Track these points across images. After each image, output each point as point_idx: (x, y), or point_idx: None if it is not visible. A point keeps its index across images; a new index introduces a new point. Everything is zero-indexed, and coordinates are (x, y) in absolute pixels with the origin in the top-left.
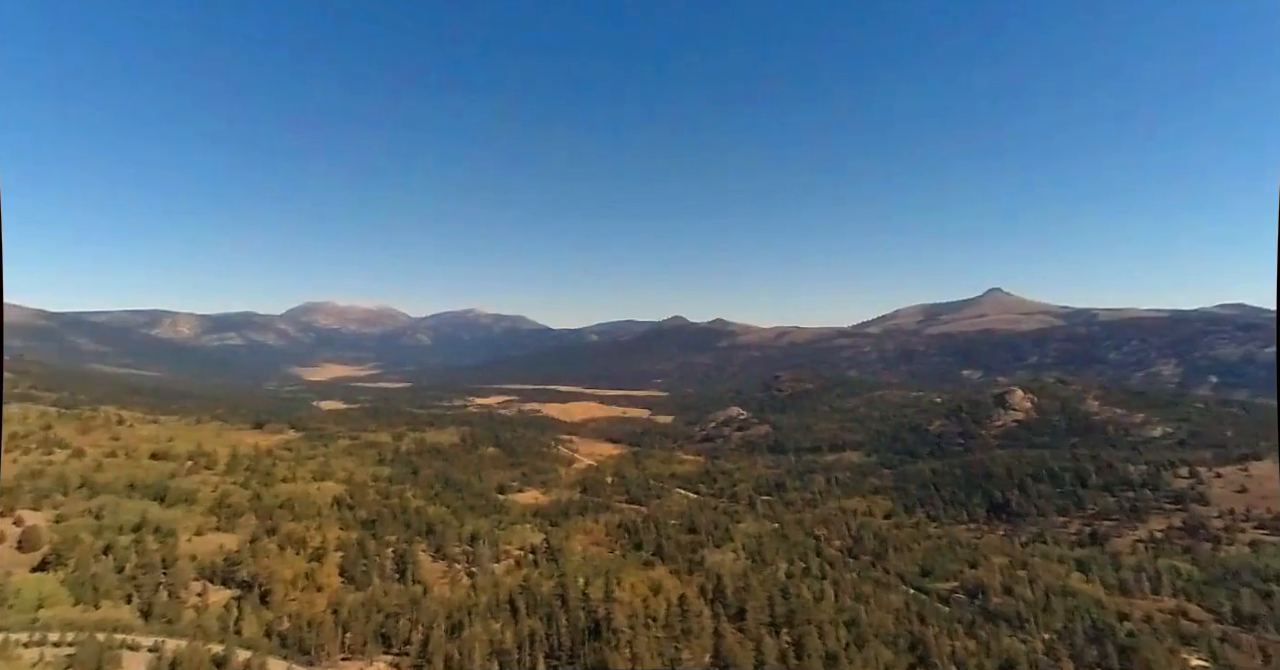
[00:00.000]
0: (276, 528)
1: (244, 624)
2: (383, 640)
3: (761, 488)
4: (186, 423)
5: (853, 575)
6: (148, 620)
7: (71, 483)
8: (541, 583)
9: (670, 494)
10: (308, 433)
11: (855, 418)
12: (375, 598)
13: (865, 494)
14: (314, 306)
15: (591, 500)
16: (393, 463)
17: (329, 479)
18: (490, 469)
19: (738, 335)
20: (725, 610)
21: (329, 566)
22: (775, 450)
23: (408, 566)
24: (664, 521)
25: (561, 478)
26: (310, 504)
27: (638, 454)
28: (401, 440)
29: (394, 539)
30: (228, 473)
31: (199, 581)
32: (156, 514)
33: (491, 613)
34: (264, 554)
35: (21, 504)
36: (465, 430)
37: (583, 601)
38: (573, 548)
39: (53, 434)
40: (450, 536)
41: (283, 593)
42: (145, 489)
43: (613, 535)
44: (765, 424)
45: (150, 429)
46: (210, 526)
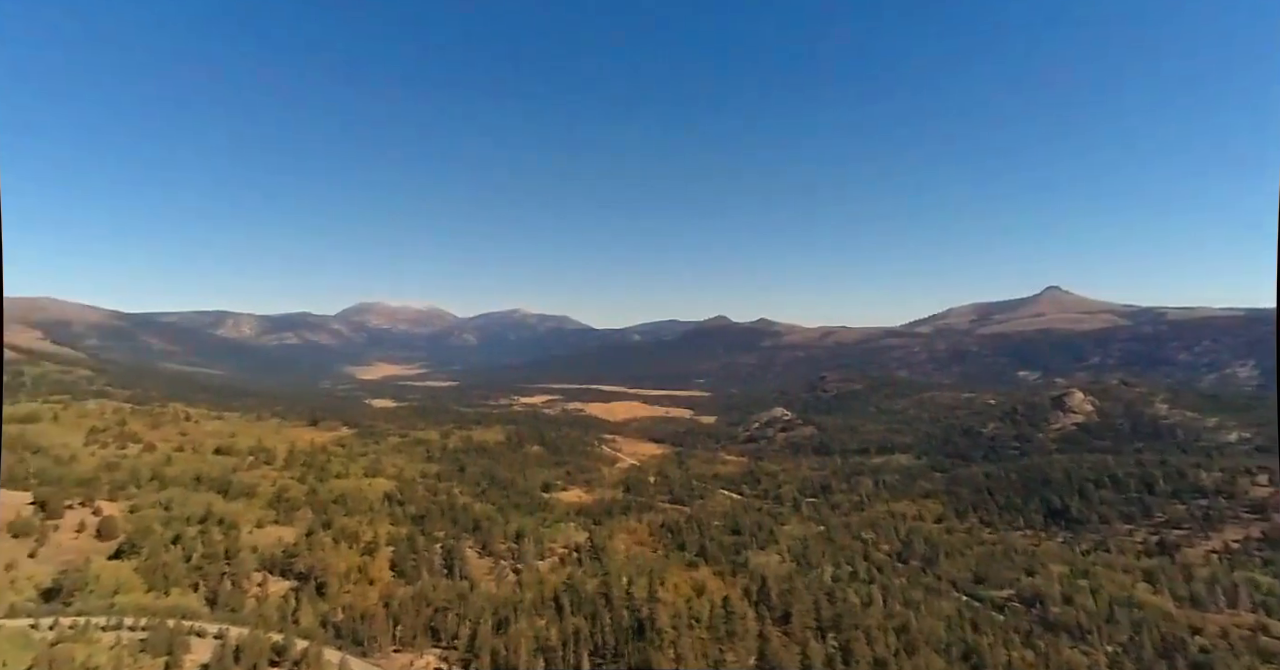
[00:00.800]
0: (331, 522)
1: (301, 614)
2: (432, 634)
3: (806, 490)
4: (247, 419)
5: (902, 580)
6: (213, 608)
7: (144, 475)
8: (585, 581)
9: (713, 495)
10: (360, 430)
11: (904, 419)
12: (424, 592)
13: (915, 498)
14: (366, 307)
15: (634, 500)
16: (440, 460)
17: (380, 475)
18: (535, 467)
19: (782, 335)
20: (770, 613)
21: (380, 560)
22: (821, 452)
23: (455, 562)
24: (707, 522)
25: (605, 477)
26: (362, 499)
27: (680, 454)
28: (449, 438)
29: (442, 535)
30: (286, 468)
31: (260, 572)
32: (220, 506)
33: (537, 609)
34: (319, 547)
35: (100, 494)
36: (510, 429)
37: (626, 601)
38: (616, 547)
39: (127, 429)
40: (496, 533)
41: (337, 585)
42: (210, 482)
43: (656, 535)
44: (810, 425)
45: (215, 425)
46: (270, 519)
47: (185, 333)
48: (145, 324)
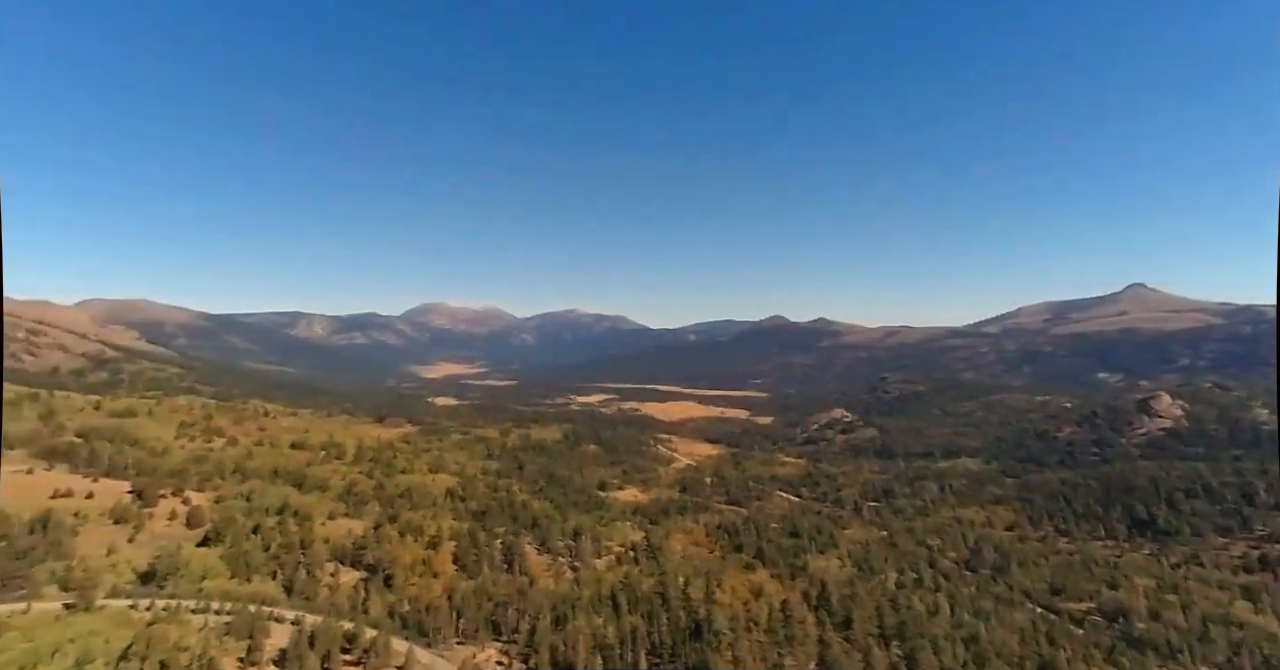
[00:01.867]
0: (397, 515)
1: (370, 604)
2: (493, 627)
3: (868, 493)
4: (320, 416)
5: (971, 589)
6: (290, 595)
7: (227, 468)
8: (642, 580)
9: (771, 496)
10: (424, 427)
11: (972, 422)
12: (485, 586)
13: (984, 504)
14: (429, 307)
15: (691, 500)
16: (500, 457)
17: (443, 471)
18: (591, 466)
19: (841, 335)
20: (830, 618)
21: (444, 554)
22: (882, 455)
23: (515, 558)
24: (765, 524)
25: (661, 477)
26: (426, 494)
27: (737, 455)
28: (508, 436)
29: (502, 531)
30: (355, 463)
31: (331, 563)
32: (296, 499)
33: (594, 607)
34: (386, 540)
35: (189, 485)
36: (567, 428)
37: (683, 601)
38: (672, 547)
39: (212, 424)
40: (554, 531)
41: (403, 577)
42: (286, 476)
43: (712, 536)
44: (871, 427)
45: (290, 421)
46: (340, 512)
47: (264, 333)
48: (228, 324)
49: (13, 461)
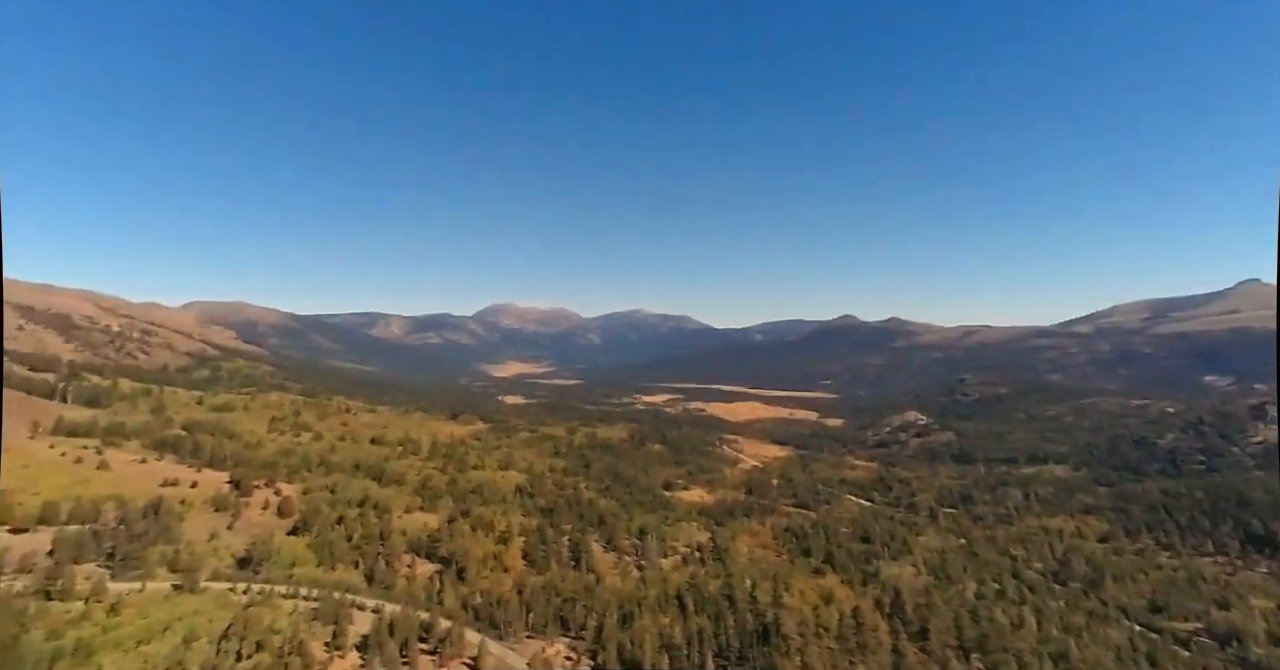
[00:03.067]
0: (469, 511)
1: (444, 596)
2: (561, 623)
3: (945, 499)
4: (397, 412)
5: (1059, 603)
6: (370, 584)
7: (314, 461)
8: (708, 581)
9: (840, 500)
10: (494, 425)
11: (1059, 427)
12: (554, 582)
13: (1073, 513)
14: (499, 308)
15: (757, 502)
16: (567, 455)
17: (512, 468)
18: (657, 466)
19: (916, 335)
20: (905, 627)
21: (513, 550)
22: (960, 459)
23: (582, 555)
24: (835, 528)
25: (726, 477)
26: (496, 490)
27: (805, 457)
28: (574, 434)
29: (569, 528)
30: (429, 458)
31: (408, 554)
32: (375, 492)
33: (660, 607)
34: (459, 534)
35: (280, 477)
36: (633, 427)
37: (750, 604)
38: (739, 548)
39: (300, 419)
40: (620, 529)
41: (475, 570)
42: (367, 469)
43: (780, 539)
44: (948, 431)
45: (370, 417)
46: (416, 506)
47: (346, 332)
48: (314, 325)
49: (129, 451)
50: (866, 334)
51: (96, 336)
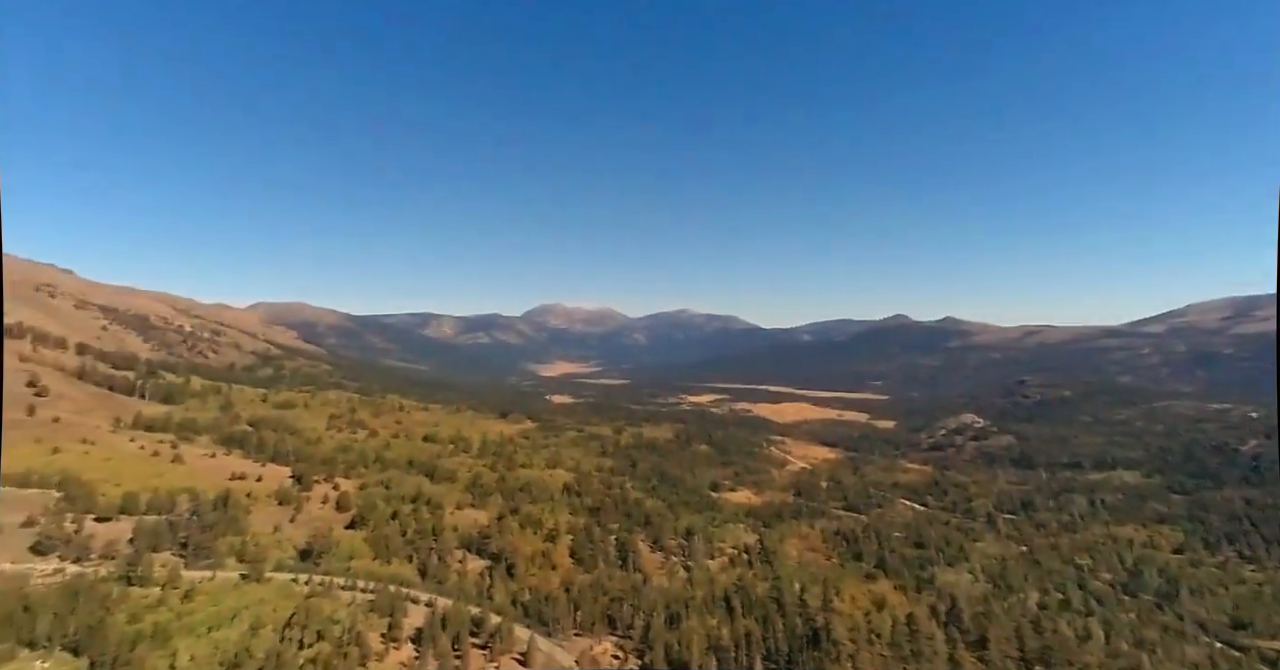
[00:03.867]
0: (518, 508)
1: (494, 591)
2: (608, 622)
3: (1004, 505)
4: (448, 411)
5: (1130, 616)
6: (424, 578)
7: (369, 457)
8: (756, 584)
9: (892, 504)
10: (542, 424)
11: (1130, 431)
12: (601, 581)
13: (1145, 522)
14: (547, 308)
15: (806, 504)
16: (613, 455)
17: (559, 467)
18: (703, 466)
19: (972, 335)
20: (962, 636)
21: (561, 548)
22: (1020, 464)
23: (629, 555)
24: (887, 533)
25: (774, 479)
26: (544, 489)
27: (855, 459)
28: (621, 434)
29: (616, 527)
30: (479, 456)
31: (460, 550)
32: (428, 488)
33: (707, 608)
34: (509, 531)
35: (338, 472)
36: (679, 427)
37: (799, 607)
38: (787, 551)
39: (356, 416)
40: (667, 529)
41: (524, 567)
42: (419, 466)
43: (829, 542)
44: (1007, 434)
45: (422, 415)
46: (467, 503)
47: (399, 332)
48: (370, 325)
49: (200, 446)
50: (919, 334)
51: (171, 336)
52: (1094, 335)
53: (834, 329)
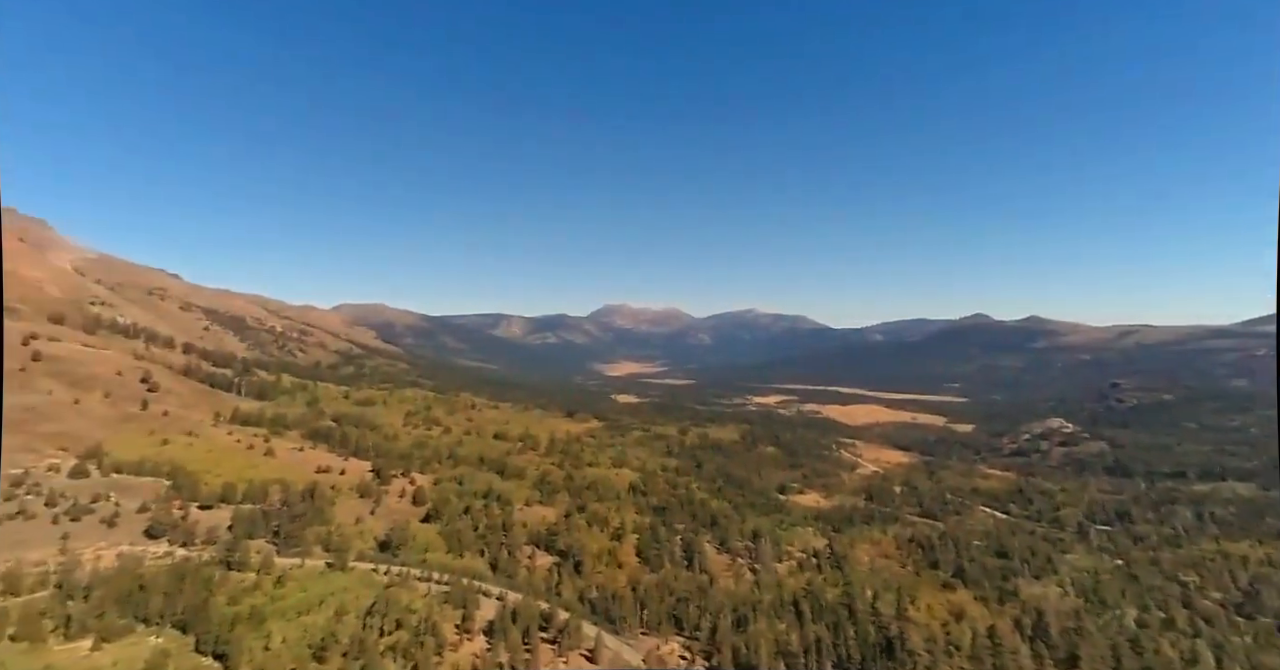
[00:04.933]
0: (585, 506)
1: (562, 588)
2: (675, 622)
3: (1096, 515)
4: (517, 409)
5: (1245, 639)
6: (494, 572)
7: (443, 454)
8: (826, 589)
9: (971, 511)
10: (608, 423)
11: (1244, 439)
12: (667, 581)
13: (1262, 538)
14: (613, 309)
15: (878, 509)
16: (679, 455)
17: (625, 466)
18: (770, 468)
19: (1059, 335)
20: (1050, 652)
21: (627, 546)
22: (1115, 472)
23: (695, 555)
24: (966, 541)
25: (844, 482)
26: (610, 487)
27: (931, 464)
28: (686, 434)
29: (682, 528)
30: (547, 454)
31: (529, 546)
32: (498, 485)
33: (775, 612)
34: (576, 529)
35: (414, 467)
36: (745, 428)
37: (872, 615)
38: (858, 557)
39: (431, 414)
40: (733, 531)
41: (591, 564)
42: (490, 463)
43: (903, 549)
44: (1099, 440)
45: (493, 413)
46: (535, 499)
47: (471, 333)
48: (443, 325)
49: (290, 440)
50: (1001, 334)
51: (264, 336)
52: (1200, 335)
53: (908, 329)
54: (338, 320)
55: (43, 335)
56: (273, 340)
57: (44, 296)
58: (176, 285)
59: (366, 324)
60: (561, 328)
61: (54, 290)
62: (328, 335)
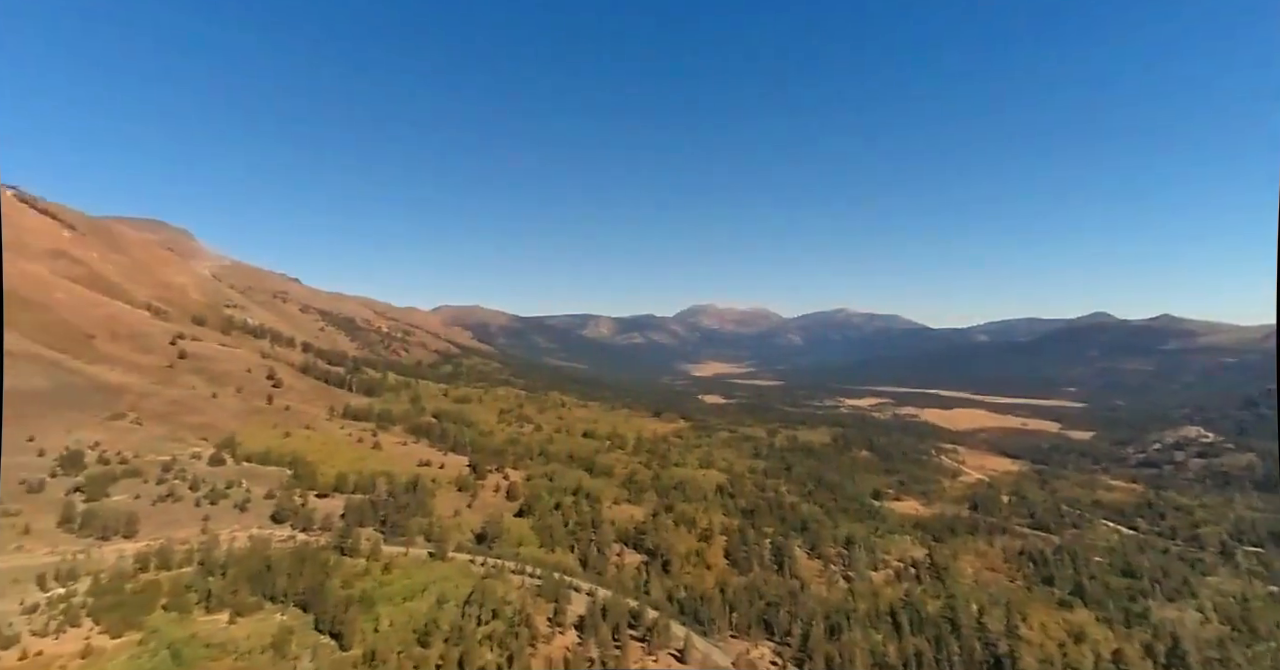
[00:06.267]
0: (672, 506)
1: (650, 586)
2: (764, 626)
3: (1243, 534)
4: (605, 408)
5: None
6: (584, 568)
7: (535, 451)
8: (926, 601)
9: (1092, 525)
10: (694, 423)
11: None
12: (756, 584)
13: None
14: (699, 309)
15: (983, 519)
16: (767, 457)
17: (712, 467)
18: (863, 473)
19: (1195, 335)
20: None
21: (715, 548)
22: (1266, 487)
23: (784, 559)
24: (1085, 557)
25: (945, 490)
26: (697, 488)
27: (1044, 473)
28: (775, 436)
29: (770, 531)
30: (634, 453)
31: (617, 544)
32: (587, 482)
33: (871, 621)
34: (663, 528)
35: (507, 463)
36: (836, 431)
37: (978, 630)
38: (961, 568)
39: (523, 411)
40: (825, 536)
41: (679, 565)
42: (579, 461)
43: (1012, 562)
44: (1247, 452)
45: (581, 412)
46: (623, 498)
47: (560, 333)
48: (534, 326)
49: (394, 434)
50: (1125, 334)
51: (372, 336)
52: None
53: (1017, 328)
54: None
55: (187, 335)
56: (379, 340)
57: (188, 300)
58: (296, 288)
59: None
60: (648, 328)
61: (196, 294)
62: (428, 335)
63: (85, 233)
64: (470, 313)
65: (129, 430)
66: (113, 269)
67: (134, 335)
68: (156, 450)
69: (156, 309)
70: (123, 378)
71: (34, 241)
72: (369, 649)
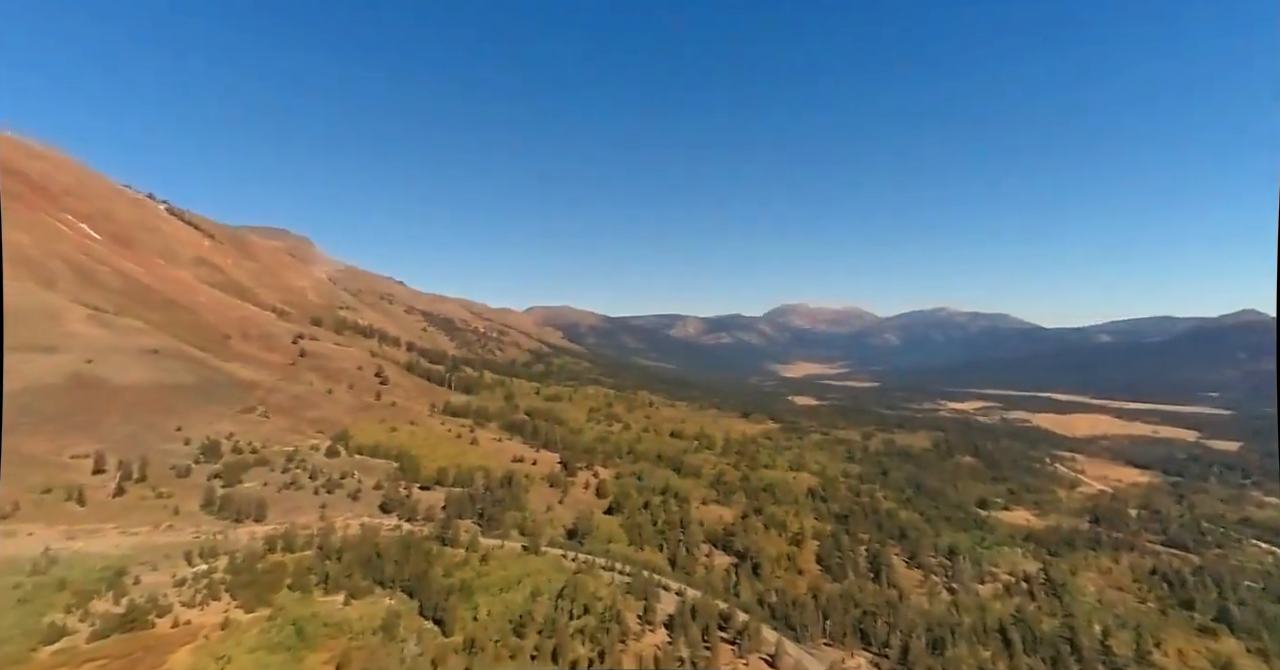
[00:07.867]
0: (761, 508)
1: (740, 589)
2: (860, 635)
3: None
4: (693, 408)
5: None
6: (673, 568)
7: (623, 449)
8: (1041, 618)
9: (1240, 545)
10: (784, 425)
11: None
12: (851, 592)
13: None
14: (788, 308)
15: (1107, 534)
16: (862, 461)
17: (803, 470)
18: (967, 480)
19: None
20: None
21: (807, 552)
22: None
23: (881, 568)
24: (1232, 579)
25: (1061, 501)
26: (788, 491)
27: (1180, 485)
28: (870, 440)
29: (866, 538)
30: (723, 454)
31: (706, 544)
32: (675, 482)
33: (978, 637)
34: (753, 530)
35: (597, 461)
36: (937, 435)
37: (1102, 653)
38: (1082, 586)
39: (612, 410)
40: (925, 545)
41: (769, 568)
42: (667, 460)
43: (1142, 582)
44: None
45: (669, 411)
46: (711, 499)
47: (648, 333)
48: (622, 326)
49: (490, 430)
50: None
51: (469, 336)
52: None
53: (1146, 328)
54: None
55: (306, 335)
56: (476, 340)
57: (307, 302)
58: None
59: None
60: (736, 328)
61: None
62: (521, 335)
63: (222, 242)
64: (561, 313)
65: (258, 423)
66: (245, 274)
67: (262, 335)
68: (281, 442)
69: (281, 311)
70: (253, 374)
71: (182, 251)
72: (469, 636)
